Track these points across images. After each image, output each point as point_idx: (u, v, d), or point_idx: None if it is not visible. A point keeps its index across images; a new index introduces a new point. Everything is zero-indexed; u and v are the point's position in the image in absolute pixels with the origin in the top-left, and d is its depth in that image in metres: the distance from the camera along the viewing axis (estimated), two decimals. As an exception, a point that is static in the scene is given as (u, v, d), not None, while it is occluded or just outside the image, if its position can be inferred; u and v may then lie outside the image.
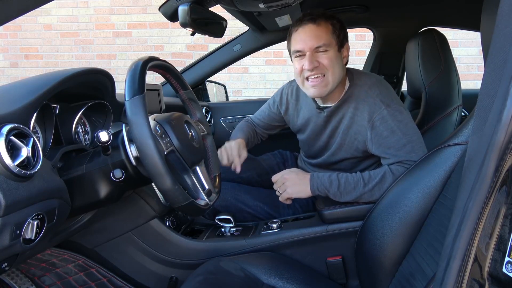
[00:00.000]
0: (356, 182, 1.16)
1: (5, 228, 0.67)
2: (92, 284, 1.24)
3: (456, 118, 1.57)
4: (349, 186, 1.16)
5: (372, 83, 1.24)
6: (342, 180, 1.17)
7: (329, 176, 1.19)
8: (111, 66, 4.51)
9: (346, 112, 1.25)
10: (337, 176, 1.18)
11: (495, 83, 0.50)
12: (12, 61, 4.69)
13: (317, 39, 1.17)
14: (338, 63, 1.20)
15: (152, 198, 1.20)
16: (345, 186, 1.16)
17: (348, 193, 1.16)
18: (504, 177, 0.47)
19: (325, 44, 1.17)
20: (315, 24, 1.17)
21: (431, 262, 0.80)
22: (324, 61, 1.18)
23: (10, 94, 0.84)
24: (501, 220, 0.48)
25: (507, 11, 0.51)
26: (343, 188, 1.16)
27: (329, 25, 1.18)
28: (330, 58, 1.18)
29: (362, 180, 1.15)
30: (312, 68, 1.17)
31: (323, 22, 1.18)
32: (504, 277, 0.46)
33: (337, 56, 1.20)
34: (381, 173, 1.14)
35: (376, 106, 1.18)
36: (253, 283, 1.01)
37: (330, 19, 1.19)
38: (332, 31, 1.18)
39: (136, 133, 0.79)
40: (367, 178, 1.15)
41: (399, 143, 1.15)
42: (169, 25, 4.25)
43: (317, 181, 1.19)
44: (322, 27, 1.17)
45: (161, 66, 0.97)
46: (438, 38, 1.60)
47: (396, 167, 1.14)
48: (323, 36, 1.17)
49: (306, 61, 1.18)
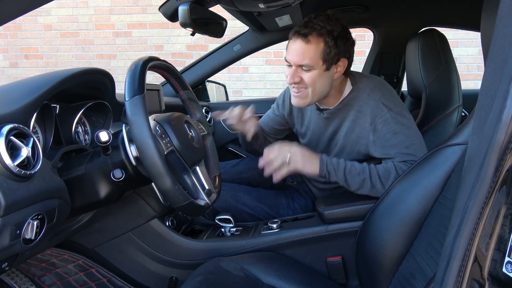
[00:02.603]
0: (362, 169, 1.15)
1: (5, 228, 0.67)
2: (92, 284, 1.24)
3: (456, 118, 1.57)
4: (354, 170, 1.15)
5: (374, 86, 1.24)
6: (349, 164, 1.17)
7: (337, 159, 1.18)
8: (111, 66, 4.51)
9: (348, 115, 1.25)
10: (345, 161, 1.18)
11: (495, 83, 0.50)
12: (12, 61, 4.69)
13: (302, 57, 1.14)
14: (322, 82, 1.18)
15: (152, 198, 1.20)
16: (351, 170, 1.15)
17: (353, 177, 1.15)
18: (504, 177, 0.47)
19: (308, 65, 1.15)
20: (305, 41, 1.14)
21: (431, 262, 0.80)
22: (306, 78, 1.17)
23: (10, 94, 0.84)
24: (501, 220, 0.48)
25: (507, 11, 0.50)
26: (349, 171, 1.15)
27: (320, 43, 1.14)
28: (311, 77, 1.16)
29: (368, 168, 1.15)
30: (292, 83, 1.19)
31: (315, 39, 1.13)
32: (504, 277, 0.46)
33: (322, 75, 1.17)
34: (386, 166, 1.15)
35: (379, 109, 1.18)
36: (253, 283, 1.01)
37: (324, 36, 1.14)
38: (322, 50, 1.14)
39: (136, 133, 0.79)
40: (372, 167, 1.16)
41: (402, 145, 1.15)
42: (169, 25, 4.25)
43: (327, 160, 1.18)
44: (311, 45, 1.14)
45: (161, 66, 0.97)
46: (438, 38, 1.60)
47: (399, 164, 1.14)
48: (309, 55, 1.14)
49: (289, 74, 1.18)
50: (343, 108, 1.26)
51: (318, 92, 1.20)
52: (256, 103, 2.20)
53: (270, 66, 4.36)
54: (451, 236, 0.54)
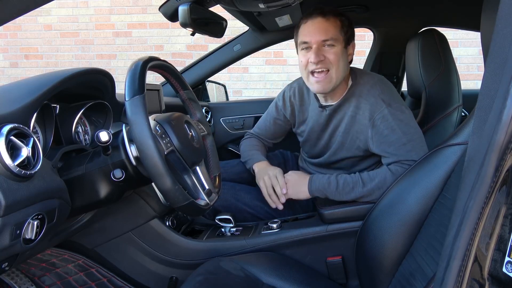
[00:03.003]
0: (355, 183, 1.16)
1: (5, 228, 0.67)
2: (92, 284, 1.24)
3: (456, 118, 1.56)
4: (347, 186, 1.17)
5: (375, 82, 1.25)
6: (341, 181, 1.18)
7: (327, 178, 1.20)
8: (111, 66, 4.51)
9: (347, 110, 1.25)
10: (336, 177, 1.19)
11: (495, 83, 0.50)
12: (12, 61, 4.69)
13: (325, 33, 1.17)
14: (343, 59, 1.21)
15: (152, 198, 1.20)
16: (344, 187, 1.17)
17: (346, 194, 1.17)
18: (504, 177, 0.47)
19: (333, 39, 1.17)
20: (325, 18, 1.18)
21: (431, 262, 0.80)
22: (330, 55, 1.18)
23: (10, 94, 0.84)
24: (501, 220, 0.48)
25: (507, 11, 0.51)
26: (342, 188, 1.17)
27: (338, 21, 1.19)
28: (336, 53, 1.18)
29: (361, 180, 1.16)
30: (318, 61, 1.17)
31: (332, 17, 1.19)
32: (504, 277, 0.46)
33: (343, 53, 1.20)
34: (380, 174, 1.15)
35: (378, 105, 1.19)
36: (253, 283, 1.01)
37: (340, 16, 1.20)
38: (341, 27, 1.19)
39: (136, 133, 0.79)
40: (366, 178, 1.16)
41: (399, 142, 1.15)
42: (169, 25, 4.25)
43: (316, 183, 1.20)
44: (331, 22, 1.18)
45: (161, 66, 0.97)
46: (438, 38, 1.60)
47: (396, 167, 1.14)
48: (331, 30, 1.17)
49: (312, 54, 1.18)
50: (343, 104, 1.27)
51: (342, 72, 1.21)
52: (256, 103, 2.20)
53: (270, 66, 4.35)
54: (451, 236, 0.54)
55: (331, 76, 1.20)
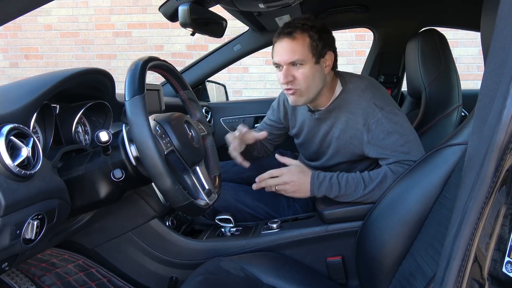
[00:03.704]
0: (357, 184, 1.16)
1: (5, 228, 0.67)
2: (92, 284, 1.24)
3: (456, 118, 1.57)
4: (349, 188, 1.16)
5: (365, 86, 1.24)
6: (343, 182, 1.17)
7: (330, 179, 1.19)
8: (111, 66, 4.51)
9: (339, 116, 1.25)
10: (337, 178, 1.18)
11: (495, 83, 0.50)
12: (12, 61, 4.69)
13: (291, 54, 1.17)
14: (315, 76, 1.20)
15: (152, 198, 1.20)
16: (346, 189, 1.17)
17: (348, 195, 1.17)
18: (504, 177, 0.47)
19: (299, 60, 1.17)
20: (290, 38, 1.17)
21: (431, 262, 0.80)
22: (299, 75, 1.18)
23: (10, 94, 0.84)
24: (501, 220, 0.48)
25: (507, 11, 0.51)
26: (344, 191, 1.17)
27: (306, 38, 1.17)
28: (304, 73, 1.18)
29: (363, 181, 1.16)
30: (286, 82, 1.19)
31: (300, 35, 1.17)
32: (504, 277, 0.46)
33: (314, 70, 1.19)
34: (381, 174, 1.15)
35: (370, 110, 1.18)
36: (253, 283, 1.01)
37: (308, 31, 1.17)
38: (309, 44, 1.17)
39: (136, 133, 0.79)
40: (367, 179, 1.16)
41: (396, 144, 1.15)
42: (169, 25, 4.25)
43: (318, 184, 1.19)
44: (297, 41, 1.17)
45: (161, 66, 0.97)
46: (438, 38, 1.60)
47: (396, 167, 1.14)
48: (298, 50, 1.16)
49: (281, 75, 1.20)
50: (334, 110, 1.26)
51: (312, 88, 1.21)
52: (256, 103, 2.20)
53: (270, 66, 4.35)
54: (451, 236, 0.54)
55: (301, 92, 1.21)
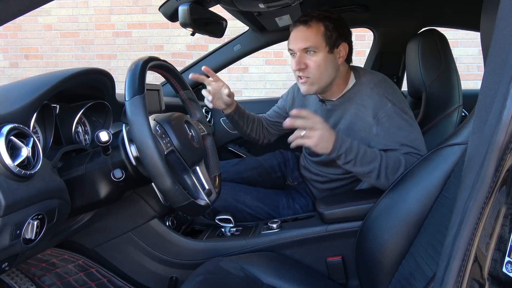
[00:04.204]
0: (374, 157, 1.12)
1: (5, 228, 0.67)
2: (92, 284, 1.24)
3: (456, 118, 1.57)
4: (366, 158, 1.11)
5: (379, 80, 1.26)
6: (362, 150, 1.12)
7: (351, 142, 1.12)
8: (111, 66, 4.50)
9: (349, 108, 1.26)
10: (358, 145, 1.13)
11: (495, 83, 0.50)
12: (12, 61, 4.68)
13: (305, 41, 1.20)
14: (327, 65, 1.22)
15: (152, 198, 1.20)
16: (363, 157, 1.11)
17: (363, 165, 1.11)
18: (504, 177, 0.47)
19: (313, 46, 1.19)
20: (306, 26, 1.21)
21: (431, 262, 0.80)
22: (311, 63, 1.21)
23: (10, 94, 0.84)
24: (501, 220, 0.48)
25: (507, 11, 0.51)
26: (360, 157, 1.11)
27: (321, 27, 1.20)
28: (317, 61, 1.20)
29: (380, 157, 1.12)
30: (298, 69, 1.22)
31: (315, 23, 1.20)
32: (504, 277, 0.46)
33: (327, 59, 1.21)
34: (396, 156, 1.12)
35: (382, 103, 1.19)
36: (253, 283, 1.01)
37: (323, 20, 1.20)
38: (323, 33, 1.20)
39: (136, 133, 0.79)
40: (384, 156, 1.12)
41: (406, 138, 1.16)
42: (169, 25, 4.25)
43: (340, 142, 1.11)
44: (312, 29, 1.20)
45: (161, 66, 0.97)
46: (438, 38, 1.60)
47: (407, 157, 1.13)
48: (312, 38, 1.19)
49: (294, 62, 1.23)
50: (345, 101, 1.28)
51: (325, 77, 1.23)
52: (256, 103, 2.21)
53: (270, 66, 4.35)
54: (451, 236, 0.54)
55: (313, 81, 1.23)
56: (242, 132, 1.56)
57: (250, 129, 1.56)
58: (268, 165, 1.65)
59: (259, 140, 1.61)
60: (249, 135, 1.57)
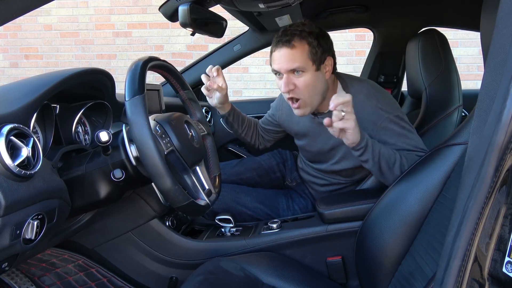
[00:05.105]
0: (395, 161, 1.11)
1: (5, 228, 0.67)
2: (92, 284, 1.24)
3: (456, 118, 1.57)
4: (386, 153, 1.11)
5: (369, 92, 1.22)
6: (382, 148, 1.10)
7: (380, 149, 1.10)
8: (111, 66, 4.50)
9: None
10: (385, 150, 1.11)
11: (495, 83, 0.50)
12: (12, 61, 4.68)
13: (291, 62, 1.15)
14: (316, 83, 1.18)
15: (152, 198, 1.20)
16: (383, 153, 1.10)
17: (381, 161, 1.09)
18: (504, 177, 0.47)
19: (300, 67, 1.15)
20: (290, 46, 1.15)
21: (430, 262, 0.80)
22: (299, 83, 1.17)
23: (10, 94, 0.84)
24: (501, 220, 0.48)
25: (507, 11, 0.51)
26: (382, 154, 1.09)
27: (305, 45, 1.15)
28: (305, 81, 1.16)
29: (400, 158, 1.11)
30: (288, 90, 1.18)
31: (298, 43, 1.15)
32: (504, 277, 0.46)
33: (315, 77, 1.18)
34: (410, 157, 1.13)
35: (378, 115, 1.18)
36: (253, 283, 1.01)
37: (307, 38, 1.16)
38: (309, 51, 1.15)
39: (136, 133, 0.79)
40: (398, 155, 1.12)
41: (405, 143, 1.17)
42: (169, 25, 4.25)
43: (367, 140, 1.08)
44: (296, 50, 1.15)
45: (161, 66, 0.97)
46: (438, 38, 1.60)
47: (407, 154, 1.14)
48: (298, 58, 1.15)
49: (282, 84, 1.18)
50: None
51: (315, 95, 1.20)
52: (256, 103, 2.20)
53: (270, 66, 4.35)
54: (451, 236, 0.54)
55: (305, 102, 1.20)
56: (237, 135, 1.57)
57: (245, 133, 1.56)
58: (267, 165, 1.65)
59: (255, 144, 1.62)
60: (244, 138, 1.58)
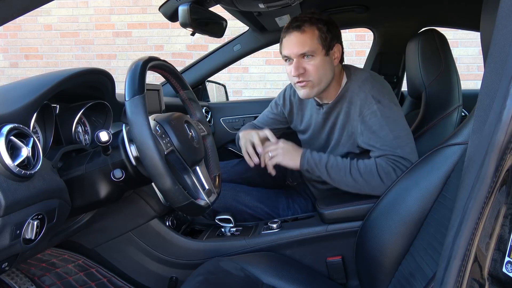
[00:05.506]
0: (344, 165, 1.18)
1: (5, 228, 0.67)
2: (92, 284, 1.24)
3: (456, 118, 1.57)
4: (336, 166, 1.18)
5: (366, 78, 1.26)
6: (332, 159, 1.20)
7: (320, 154, 1.22)
8: (111, 66, 4.51)
9: (342, 108, 1.27)
10: (328, 156, 1.21)
11: (495, 83, 0.50)
12: (12, 61, 4.69)
13: (302, 46, 1.19)
14: (326, 67, 1.22)
15: (152, 198, 1.20)
16: (332, 165, 1.18)
17: (334, 172, 1.18)
18: (504, 177, 0.47)
19: (310, 51, 1.19)
20: (300, 31, 1.19)
21: (430, 262, 0.80)
22: (309, 67, 1.20)
23: (10, 94, 0.84)
24: (501, 220, 0.48)
25: (507, 11, 0.51)
26: (330, 166, 1.18)
27: (315, 30, 1.19)
28: (315, 65, 1.20)
29: (349, 165, 1.17)
30: (297, 74, 1.21)
31: (309, 28, 1.19)
32: (504, 277, 0.46)
33: (324, 61, 1.21)
34: (367, 162, 1.16)
35: (367, 101, 1.20)
36: (253, 283, 1.01)
37: (316, 23, 1.20)
38: (318, 36, 1.19)
39: (136, 133, 0.79)
40: (354, 162, 1.18)
41: (386, 138, 1.16)
42: (169, 25, 4.25)
43: (308, 155, 1.22)
44: (307, 34, 1.19)
45: (161, 66, 0.97)
46: (438, 38, 1.60)
47: (381, 161, 1.15)
48: (308, 42, 1.19)
49: (292, 68, 1.22)
50: (339, 101, 1.28)
51: (324, 80, 1.23)
52: (256, 103, 2.20)
53: (270, 66, 4.36)
54: (451, 236, 0.54)
55: (313, 83, 1.23)
56: None
57: None
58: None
59: None
60: None
